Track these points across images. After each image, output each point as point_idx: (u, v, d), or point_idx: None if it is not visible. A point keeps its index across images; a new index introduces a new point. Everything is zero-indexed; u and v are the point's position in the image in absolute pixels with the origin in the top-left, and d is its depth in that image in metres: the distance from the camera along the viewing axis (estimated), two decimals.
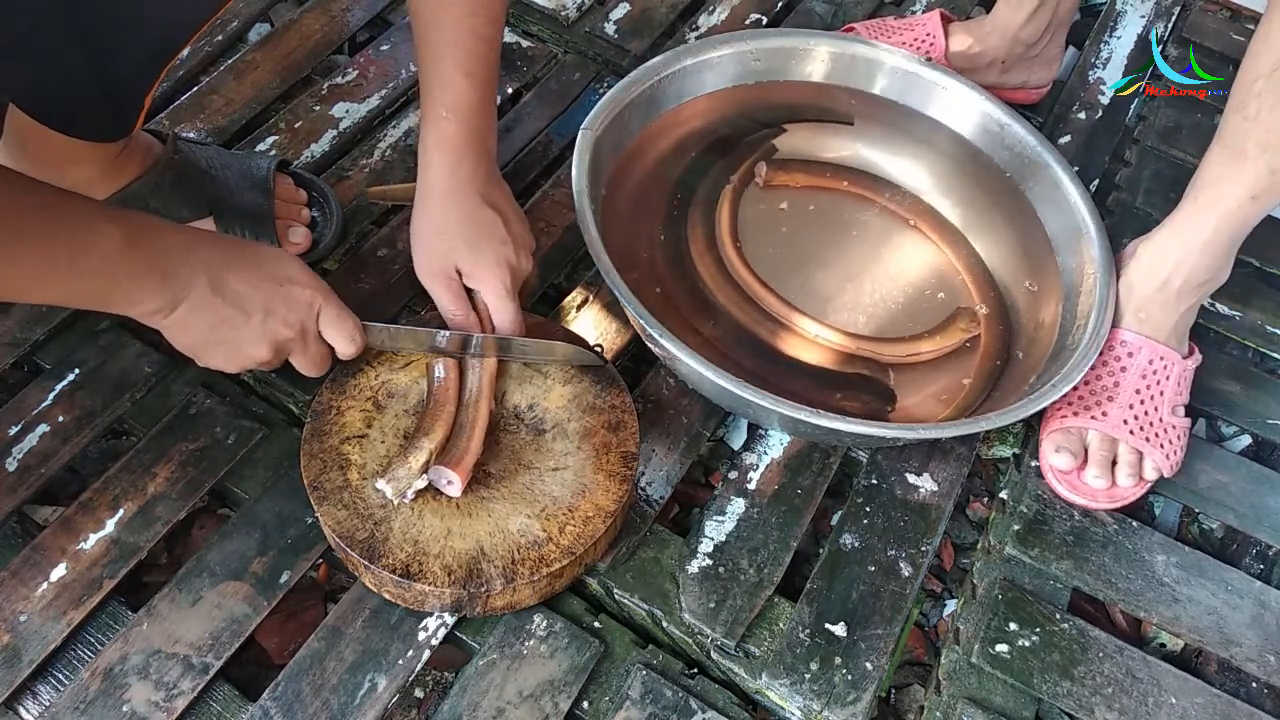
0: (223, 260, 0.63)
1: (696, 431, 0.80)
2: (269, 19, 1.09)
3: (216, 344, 0.66)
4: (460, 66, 0.70)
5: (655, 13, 1.12)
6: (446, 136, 0.72)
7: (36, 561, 0.68)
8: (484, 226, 0.74)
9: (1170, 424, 0.79)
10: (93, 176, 0.77)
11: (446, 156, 0.72)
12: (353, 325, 0.70)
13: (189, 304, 0.62)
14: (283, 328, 0.66)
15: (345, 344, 0.70)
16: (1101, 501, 0.78)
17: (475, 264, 0.74)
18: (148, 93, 0.72)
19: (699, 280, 0.86)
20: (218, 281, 0.63)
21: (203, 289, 0.62)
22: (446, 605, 0.67)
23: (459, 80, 0.70)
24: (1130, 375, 0.80)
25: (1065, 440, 0.79)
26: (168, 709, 0.63)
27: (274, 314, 0.65)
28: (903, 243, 0.93)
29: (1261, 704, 0.72)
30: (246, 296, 0.64)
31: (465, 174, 0.73)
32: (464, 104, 0.71)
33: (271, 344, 0.66)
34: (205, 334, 0.65)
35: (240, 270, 0.64)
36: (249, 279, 0.64)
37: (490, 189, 0.76)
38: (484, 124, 0.73)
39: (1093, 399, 0.80)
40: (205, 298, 0.62)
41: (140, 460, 0.73)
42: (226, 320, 0.64)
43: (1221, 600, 0.76)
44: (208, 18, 0.69)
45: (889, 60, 0.96)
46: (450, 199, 0.73)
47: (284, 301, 0.66)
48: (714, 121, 0.95)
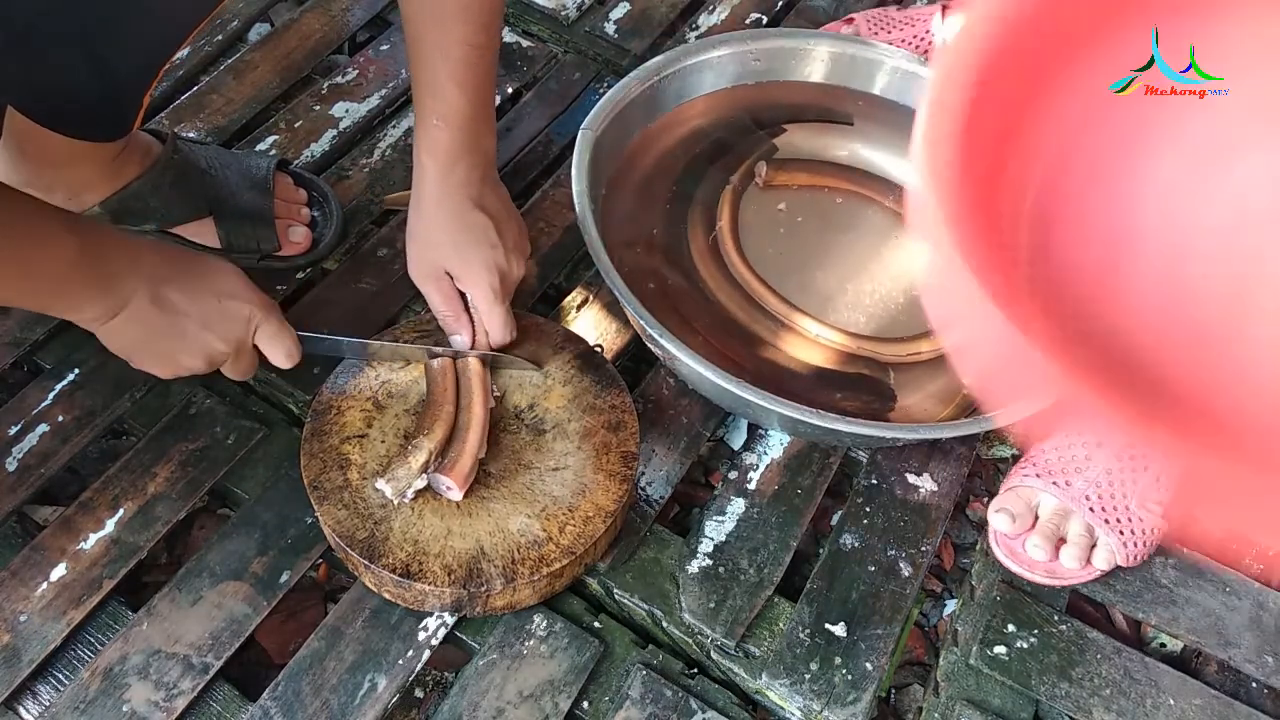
0: (165, 273, 0.64)
1: (696, 431, 0.80)
2: (269, 19, 1.09)
3: (151, 352, 0.67)
4: (452, 75, 0.70)
5: (655, 12, 1.12)
6: (437, 143, 0.72)
7: (36, 561, 0.68)
8: (473, 231, 0.74)
9: (1138, 516, 0.74)
10: (92, 176, 0.77)
11: (437, 163, 0.73)
12: (290, 341, 0.70)
13: (127, 314, 0.63)
14: (218, 342, 0.67)
15: (282, 360, 0.71)
16: (1038, 574, 0.74)
17: (463, 268, 0.74)
18: (145, 93, 0.72)
19: (699, 280, 0.86)
20: (158, 294, 0.64)
21: (143, 300, 0.63)
22: (446, 605, 0.67)
23: (450, 89, 0.70)
24: (1105, 452, 0.75)
25: (1011, 501, 0.75)
26: (168, 709, 0.63)
27: (211, 328, 0.66)
28: (903, 242, 0.93)
29: (1260, 705, 0.72)
30: (185, 310, 0.65)
31: (456, 180, 0.73)
32: (455, 113, 0.71)
33: (205, 356, 0.67)
34: (141, 342, 0.66)
35: (182, 283, 0.65)
36: (190, 293, 0.65)
37: (484, 193, 0.75)
38: (477, 131, 0.73)
39: (1059, 466, 0.75)
40: (144, 309, 0.63)
41: (140, 460, 0.73)
42: (163, 332, 0.65)
43: (1220, 601, 0.76)
44: (204, 17, 0.69)
45: (889, 60, 0.96)
46: (440, 204, 0.74)
47: (222, 317, 0.67)
48: (714, 121, 0.95)
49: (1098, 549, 0.74)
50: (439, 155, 0.72)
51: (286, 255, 0.84)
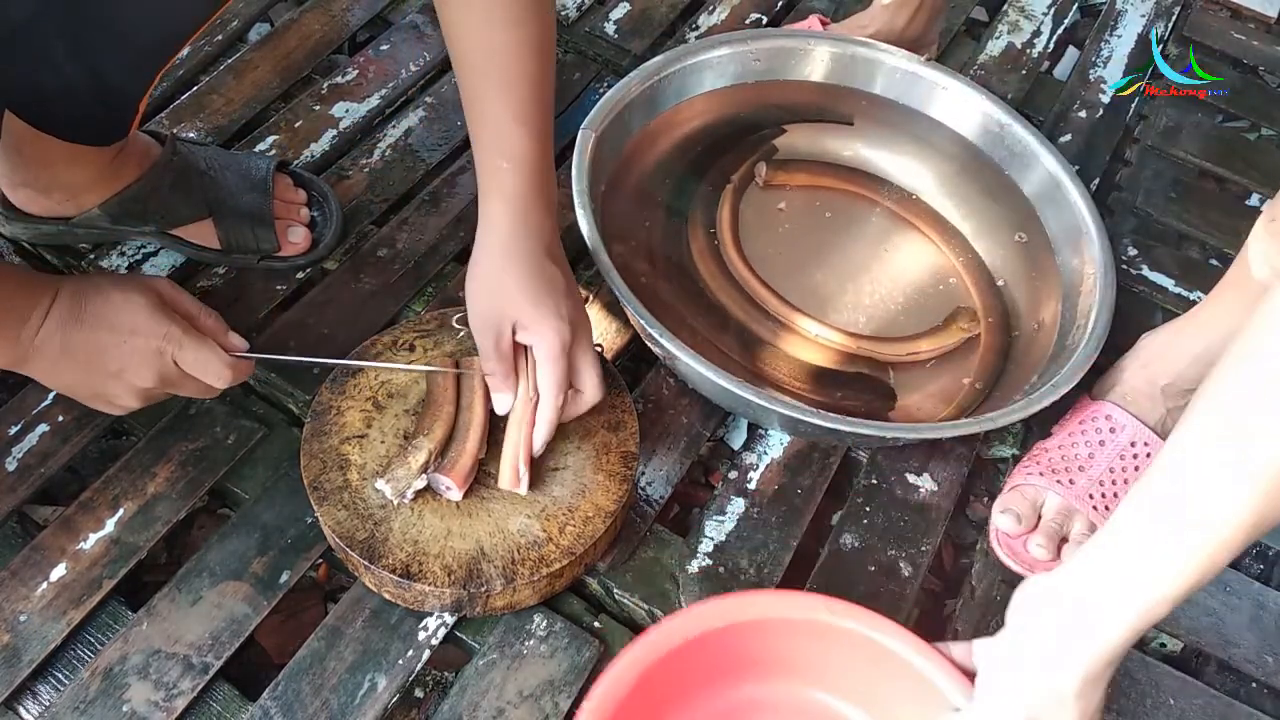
0: (70, 320, 0.62)
1: (696, 431, 0.80)
2: (269, 19, 1.09)
3: (86, 397, 0.65)
4: (514, 114, 0.65)
5: (655, 12, 1.12)
6: (508, 186, 0.67)
7: (36, 561, 0.68)
8: (550, 281, 0.68)
9: None
10: (91, 178, 0.76)
11: (510, 206, 0.67)
12: (218, 363, 0.65)
13: (40, 363, 0.62)
14: (138, 380, 0.64)
15: (214, 381, 0.66)
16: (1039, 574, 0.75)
17: (535, 318, 0.67)
18: (142, 97, 0.72)
19: (699, 280, 0.86)
20: (66, 344, 0.62)
21: (50, 351, 0.62)
22: (446, 605, 0.67)
23: (513, 129, 0.66)
24: (1108, 450, 0.76)
25: (1016, 501, 0.75)
26: (167, 709, 0.63)
27: (126, 370, 0.63)
28: (903, 242, 0.93)
29: (1260, 705, 0.72)
30: (94, 357, 0.63)
31: (532, 225, 0.68)
32: (521, 153, 0.66)
33: (136, 394, 0.65)
34: (70, 388, 0.65)
35: (86, 329, 0.62)
36: (94, 337, 0.63)
37: (554, 245, 0.70)
38: (545, 174, 0.68)
39: (1063, 464, 0.76)
40: (54, 359, 0.62)
41: (140, 460, 0.73)
42: (83, 379, 0.64)
43: (1220, 601, 0.76)
44: (201, 24, 0.69)
45: (889, 60, 0.96)
46: (513, 250, 0.68)
47: (131, 356, 0.63)
48: (714, 121, 0.95)
49: None
50: (510, 199, 0.67)
51: (286, 256, 0.84)
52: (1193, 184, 1.04)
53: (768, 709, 0.63)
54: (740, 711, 0.63)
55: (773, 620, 0.61)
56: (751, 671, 0.62)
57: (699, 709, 0.62)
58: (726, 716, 0.62)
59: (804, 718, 0.63)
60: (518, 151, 0.66)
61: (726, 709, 0.62)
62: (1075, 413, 0.79)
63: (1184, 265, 0.97)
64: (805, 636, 0.61)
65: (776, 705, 0.63)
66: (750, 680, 0.62)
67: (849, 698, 0.63)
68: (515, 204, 0.67)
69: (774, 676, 0.62)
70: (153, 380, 0.64)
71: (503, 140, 0.66)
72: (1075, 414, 0.79)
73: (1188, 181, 1.04)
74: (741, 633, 0.60)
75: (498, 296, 0.68)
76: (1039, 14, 1.18)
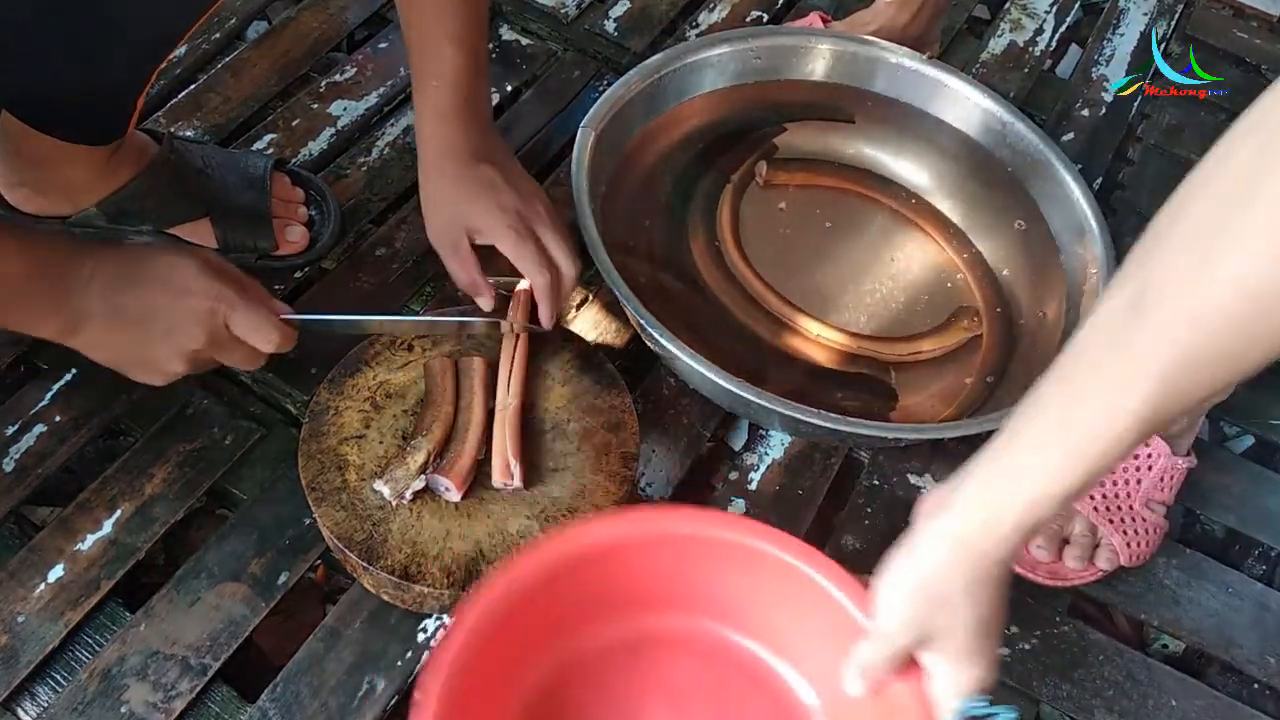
0: (120, 283, 0.62)
1: (696, 432, 0.79)
2: (266, 17, 1.08)
3: (131, 364, 0.66)
4: (449, 35, 0.70)
5: (655, 10, 1.11)
6: (438, 105, 0.72)
7: (34, 562, 0.68)
8: (482, 181, 0.73)
9: (1141, 515, 0.74)
10: (87, 177, 0.76)
11: (441, 123, 0.72)
12: (268, 325, 0.66)
13: (90, 329, 0.62)
14: (189, 342, 0.64)
15: (263, 345, 0.67)
16: (1040, 575, 0.73)
17: (480, 217, 0.72)
18: (139, 96, 0.72)
19: (699, 279, 0.86)
20: (117, 306, 0.62)
21: (100, 317, 0.62)
22: (445, 606, 0.67)
23: (446, 48, 0.70)
24: None
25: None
26: (166, 710, 0.63)
27: (177, 331, 0.64)
28: (904, 241, 0.93)
29: (1263, 706, 0.72)
30: (145, 318, 0.63)
31: (459, 135, 0.73)
32: (453, 69, 0.71)
33: (184, 358, 0.65)
34: (117, 355, 0.65)
35: (138, 292, 0.63)
36: (147, 298, 0.63)
37: (484, 146, 0.74)
38: (476, 89, 0.73)
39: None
40: (104, 323, 0.62)
41: (138, 461, 0.73)
42: (133, 342, 0.64)
43: (1222, 602, 0.75)
44: (195, 20, 0.68)
45: (890, 58, 0.95)
46: (444, 163, 0.73)
47: (184, 317, 0.64)
48: (714, 120, 0.95)
49: (1100, 549, 0.74)
50: (441, 116, 0.72)
51: (284, 255, 0.84)
52: None
53: (668, 639, 0.57)
54: (653, 640, 0.57)
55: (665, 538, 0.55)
56: (667, 599, 0.56)
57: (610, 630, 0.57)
58: (640, 644, 0.57)
59: (706, 651, 0.58)
60: (450, 68, 0.71)
61: (641, 635, 0.57)
62: None
63: None
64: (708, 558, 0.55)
65: (676, 634, 0.57)
66: (666, 609, 0.57)
67: (751, 630, 0.58)
68: (445, 120, 0.72)
69: (675, 603, 0.57)
70: (203, 341, 0.64)
71: (437, 61, 0.71)
72: None
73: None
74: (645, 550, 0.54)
75: (442, 210, 0.73)
76: (1041, 12, 1.18)
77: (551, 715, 0.55)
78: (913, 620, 0.50)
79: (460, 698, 0.49)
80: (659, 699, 0.57)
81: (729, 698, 0.57)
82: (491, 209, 0.72)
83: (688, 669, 0.57)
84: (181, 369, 0.66)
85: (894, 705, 0.52)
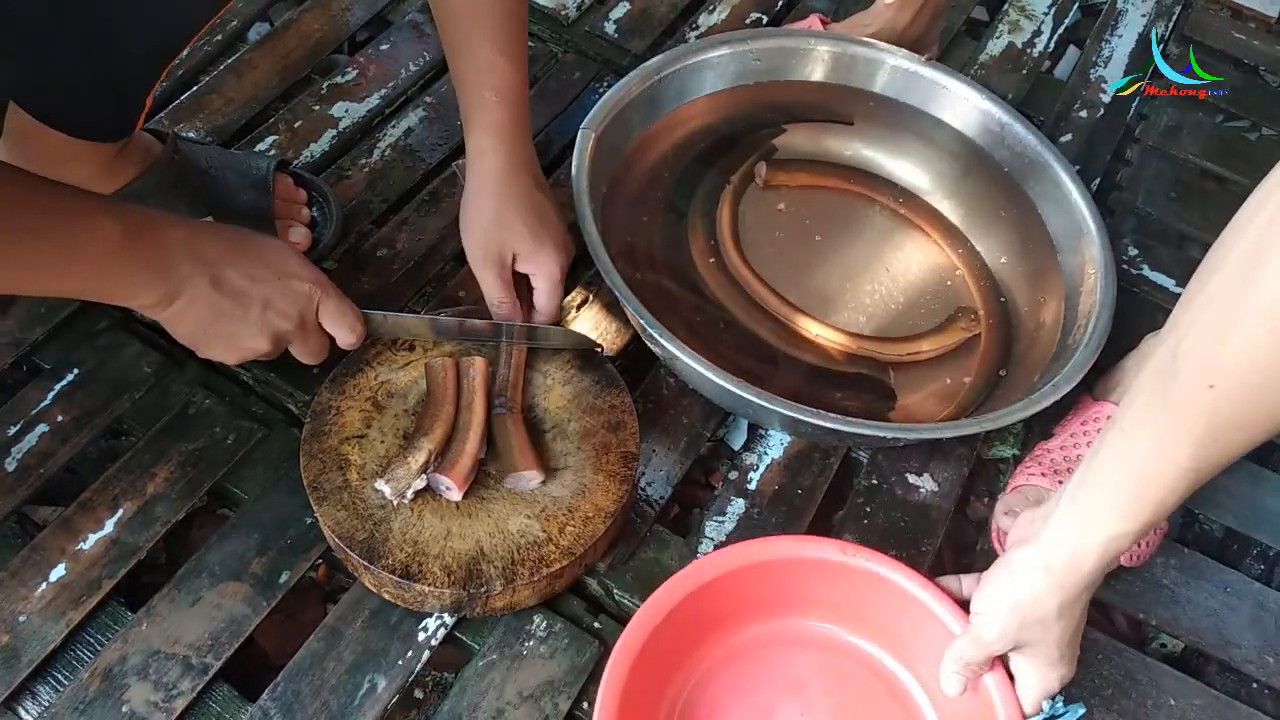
0: (223, 254, 0.64)
1: (696, 431, 0.80)
2: (268, 18, 1.09)
3: (215, 336, 0.66)
4: (501, 50, 0.70)
5: (655, 12, 1.11)
6: (498, 121, 0.71)
7: (36, 562, 0.68)
8: (544, 212, 0.73)
9: None
10: (92, 175, 0.76)
11: (501, 140, 0.71)
12: (353, 316, 0.70)
13: (187, 298, 0.63)
14: (281, 321, 0.67)
15: (346, 334, 0.70)
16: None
17: (536, 250, 0.73)
18: (148, 93, 0.72)
19: (699, 280, 0.86)
20: (217, 276, 0.64)
21: (201, 284, 0.63)
22: (446, 606, 0.67)
23: (501, 63, 0.70)
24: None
25: (1019, 502, 0.75)
26: (167, 709, 0.63)
27: (273, 307, 0.66)
28: (903, 242, 0.93)
29: (1261, 705, 0.72)
30: (245, 291, 0.65)
31: (520, 159, 0.72)
32: (507, 86, 0.70)
33: (271, 336, 0.67)
34: (205, 326, 0.65)
35: (240, 264, 0.65)
36: (248, 273, 0.65)
37: (540, 175, 0.75)
38: (526, 106, 0.73)
39: (1065, 465, 0.75)
40: (204, 292, 0.63)
41: (139, 460, 0.73)
42: (226, 314, 0.65)
43: (1220, 602, 0.75)
44: (210, 17, 0.69)
45: (889, 59, 0.96)
46: (508, 185, 0.72)
47: (283, 295, 0.66)
48: (714, 121, 0.95)
49: None
50: (501, 133, 0.71)
51: None
52: (1193, 184, 1.04)
53: (788, 642, 0.68)
54: (764, 643, 0.68)
55: (791, 560, 0.66)
56: (774, 608, 0.68)
57: (727, 640, 0.67)
58: (752, 648, 0.68)
59: (824, 650, 0.68)
60: (504, 84, 0.70)
61: (752, 641, 0.68)
62: (1077, 413, 0.79)
63: (1185, 265, 0.97)
64: (820, 575, 0.66)
65: (796, 638, 0.68)
66: (774, 616, 0.68)
67: (864, 633, 0.68)
68: (506, 138, 0.71)
69: (794, 613, 0.68)
70: (294, 322, 0.67)
71: (490, 74, 0.70)
72: (1077, 414, 0.79)
73: (1188, 181, 1.04)
74: (764, 571, 0.66)
75: (496, 230, 0.72)
76: (1039, 13, 1.18)
77: (692, 711, 0.65)
78: (1009, 633, 0.59)
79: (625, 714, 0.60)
80: (783, 688, 0.67)
81: (847, 684, 0.68)
82: (547, 246, 0.73)
83: (808, 662, 0.68)
84: (265, 347, 0.67)
85: (984, 702, 0.63)
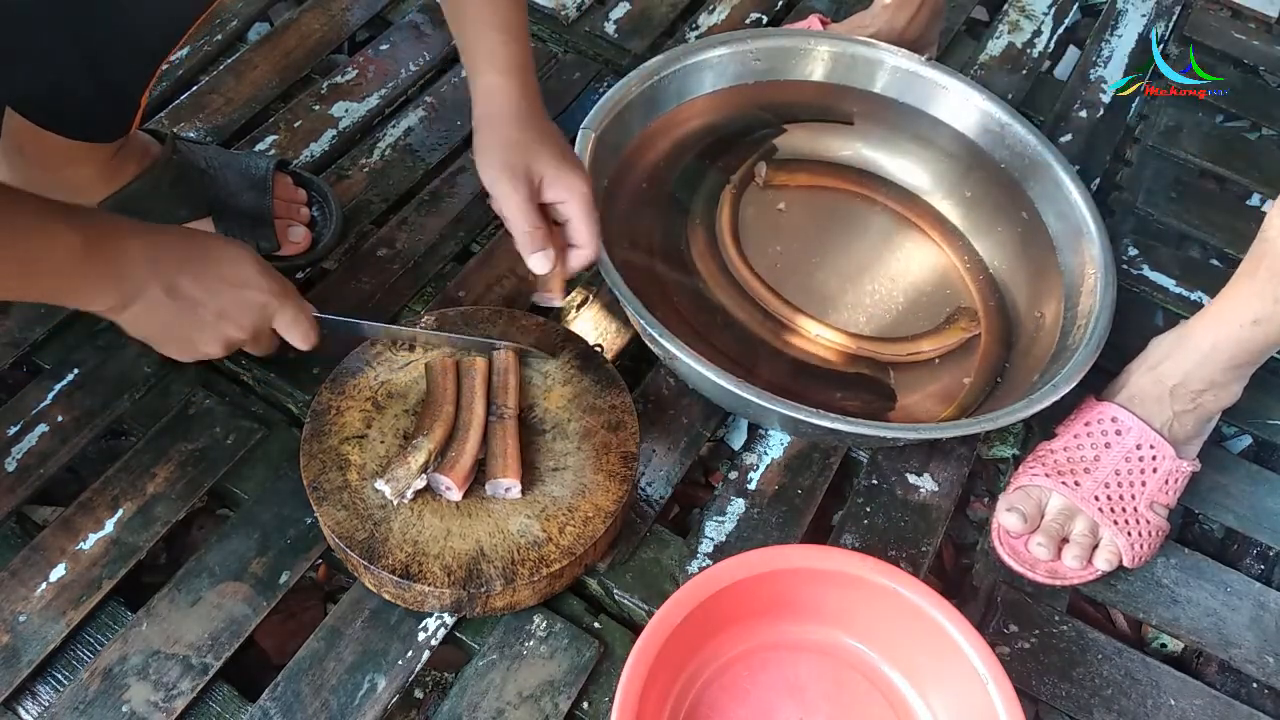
0: (179, 264, 0.65)
1: (696, 431, 0.80)
2: (268, 18, 1.09)
3: (168, 339, 0.68)
4: (505, 32, 0.71)
5: (655, 12, 1.11)
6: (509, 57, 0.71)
7: (36, 562, 0.68)
8: (552, 135, 0.71)
9: (1145, 517, 0.74)
10: (90, 177, 0.76)
11: (514, 78, 0.71)
12: (307, 324, 0.71)
13: (141, 304, 0.64)
14: (235, 330, 0.68)
15: (299, 343, 0.72)
16: (1039, 574, 0.74)
17: (564, 171, 0.69)
18: (143, 93, 0.72)
19: (699, 280, 0.86)
20: (172, 285, 0.64)
21: (156, 292, 0.64)
22: (446, 606, 0.67)
23: (509, 43, 0.71)
24: (1114, 452, 0.75)
25: (1021, 501, 0.75)
26: (167, 709, 0.63)
27: (227, 317, 0.67)
28: (903, 242, 0.93)
29: (1261, 705, 0.72)
30: (201, 300, 0.66)
31: (534, 92, 0.72)
32: (516, 64, 0.71)
33: (222, 343, 0.69)
34: (158, 330, 0.67)
35: (197, 272, 0.65)
36: (204, 283, 0.66)
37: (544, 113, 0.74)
38: (531, 49, 0.73)
39: (1068, 465, 0.75)
40: (159, 300, 0.64)
41: (139, 460, 0.73)
42: (180, 321, 0.66)
43: (1220, 602, 0.75)
44: (200, 14, 0.69)
45: (889, 60, 0.96)
46: (527, 113, 0.71)
47: (237, 306, 0.67)
48: (714, 121, 0.95)
49: (1099, 549, 0.74)
50: (514, 70, 0.71)
51: (286, 255, 0.84)
52: (1193, 184, 1.04)
53: (799, 647, 0.69)
54: (765, 647, 0.69)
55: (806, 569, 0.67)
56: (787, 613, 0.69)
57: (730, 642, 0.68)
58: (753, 651, 0.68)
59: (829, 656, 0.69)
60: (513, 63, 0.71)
61: (753, 644, 0.69)
62: (1080, 414, 0.79)
63: (1184, 265, 0.97)
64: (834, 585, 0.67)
65: (807, 643, 0.69)
66: (786, 621, 0.69)
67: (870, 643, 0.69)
68: (518, 74, 0.71)
69: (806, 620, 0.69)
70: (248, 331, 0.68)
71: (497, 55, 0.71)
72: (1080, 415, 0.79)
73: (1188, 181, 1.04)
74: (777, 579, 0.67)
75: (520, 152, 0.69)
76: (1039, 14, 1.18)
77: (694, 712, 0.66)
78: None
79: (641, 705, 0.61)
80: (783, 691, 0.68)
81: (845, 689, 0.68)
82: (577, 169, 0.70)
83: (808, 666, 0.69)
84: (217, 352, 0.69)
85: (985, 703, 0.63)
